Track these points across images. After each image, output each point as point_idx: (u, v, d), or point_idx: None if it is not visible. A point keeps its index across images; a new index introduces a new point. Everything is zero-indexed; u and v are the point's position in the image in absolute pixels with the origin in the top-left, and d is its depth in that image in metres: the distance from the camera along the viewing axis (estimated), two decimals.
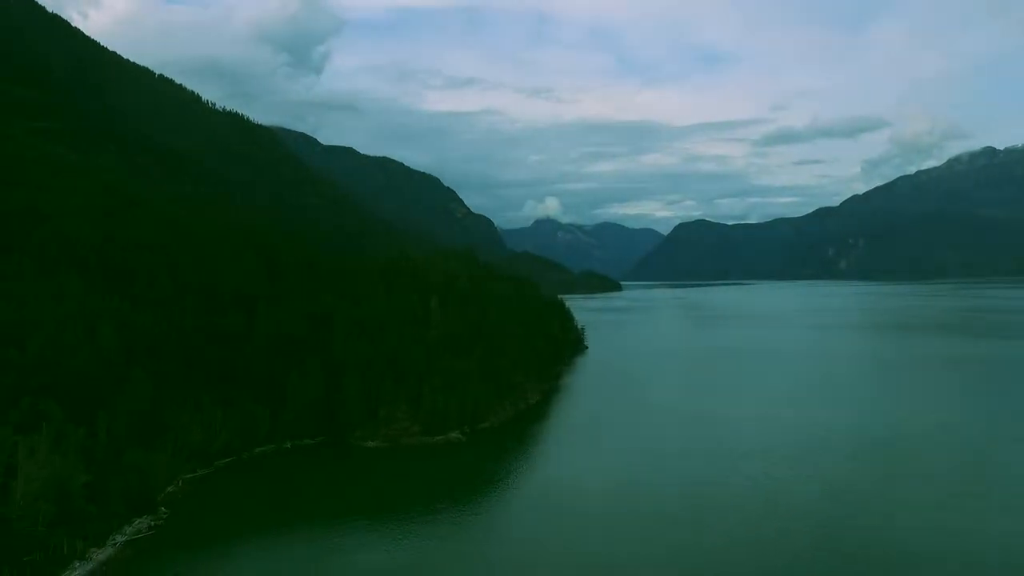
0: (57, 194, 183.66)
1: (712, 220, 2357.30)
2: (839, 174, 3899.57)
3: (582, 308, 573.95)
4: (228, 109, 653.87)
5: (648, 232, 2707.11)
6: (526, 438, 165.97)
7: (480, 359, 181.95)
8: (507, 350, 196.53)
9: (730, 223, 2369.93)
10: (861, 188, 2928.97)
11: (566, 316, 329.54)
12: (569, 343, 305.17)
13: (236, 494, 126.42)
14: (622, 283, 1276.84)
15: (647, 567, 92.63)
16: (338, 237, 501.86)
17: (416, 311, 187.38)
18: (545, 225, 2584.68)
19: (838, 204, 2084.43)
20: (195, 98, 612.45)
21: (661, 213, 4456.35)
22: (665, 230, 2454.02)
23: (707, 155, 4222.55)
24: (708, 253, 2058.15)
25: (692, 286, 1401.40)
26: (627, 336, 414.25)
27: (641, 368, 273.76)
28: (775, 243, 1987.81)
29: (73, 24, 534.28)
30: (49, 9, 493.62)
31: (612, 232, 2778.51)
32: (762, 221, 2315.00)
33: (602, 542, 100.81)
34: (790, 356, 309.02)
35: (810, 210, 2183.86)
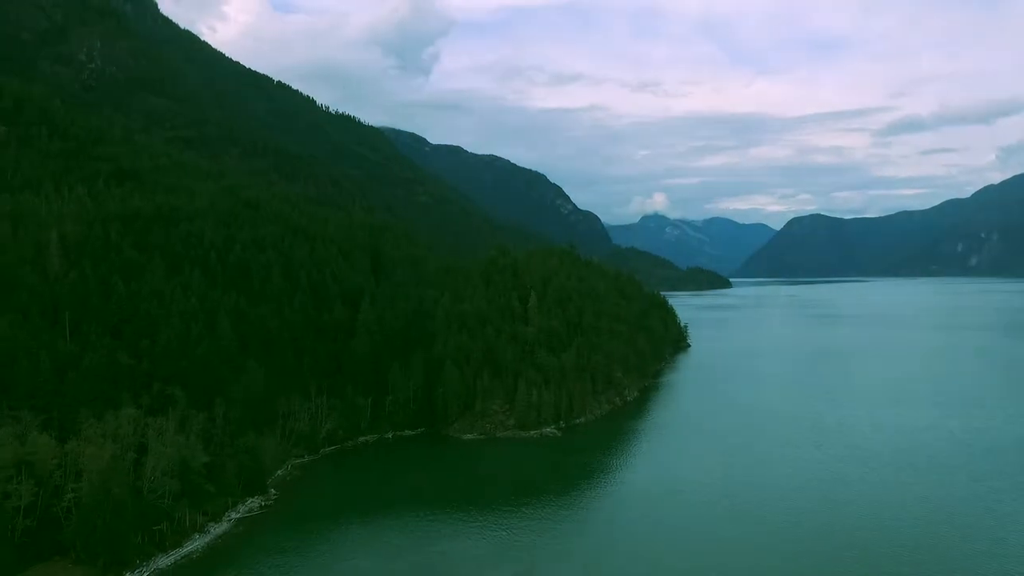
0: (186, 197, 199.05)
1: (828, 214, 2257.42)
2: (971, 163, 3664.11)
3: (688, 305, 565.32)
4: (340, 112, 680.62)
5: (759, 227, 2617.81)
6: (621, 435, 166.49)
7: (577, 355, 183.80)
8: (605, 347, 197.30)
9: (848, 217, 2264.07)
10: (996, 177, 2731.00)
11: (669, 313, 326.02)
12: (671, 341, 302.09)
13: (340, 480, 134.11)
14: (732, 280, 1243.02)
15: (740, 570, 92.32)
16: (446, 235, 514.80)
17: (514, 307, 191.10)
18: (652, 221, 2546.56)
19: (969, 195, 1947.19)
20: (310, 102, 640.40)
21: (773, 208, 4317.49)
22: (777, 225, 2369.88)
23: (823, 147, 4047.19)
24: (823, 249, 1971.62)
25: (806, 283, 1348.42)
26: (733, 335, 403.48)
27: (745, 368, 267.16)
28: (897, 238, 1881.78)
29: (203, 38, 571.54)
30: (182, 26, 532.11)
31: (722, 227, 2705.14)
32: (883, 215, 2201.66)
33: (693, 541, 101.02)
34: (912, 359, 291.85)
35: (937, 202, 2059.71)
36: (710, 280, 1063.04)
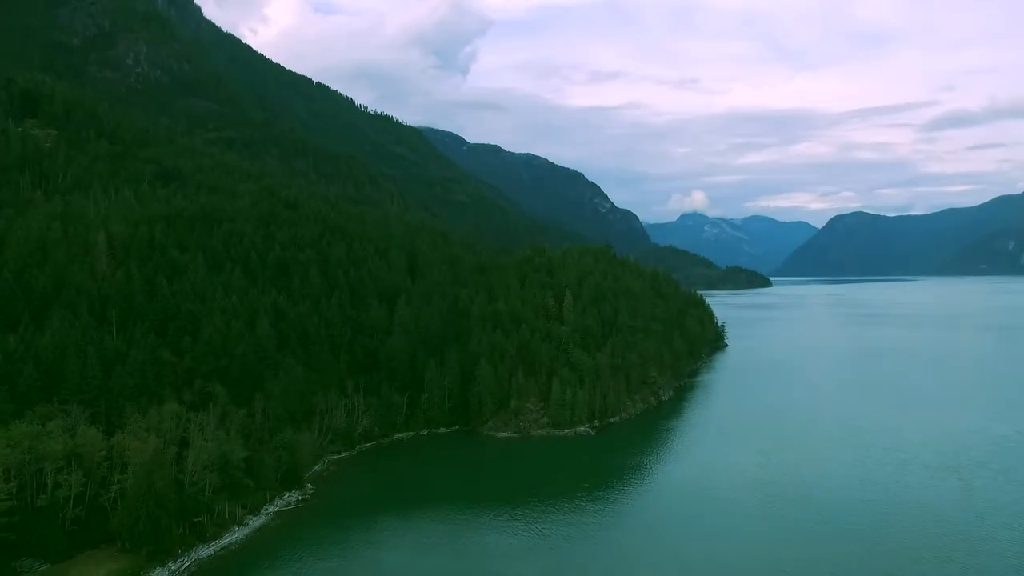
0: (227, 198, 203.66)
1: (871, 212, 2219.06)
2: (1022, 158, 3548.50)
3: (726, 304, 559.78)
4: (379, 112, 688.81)
5: (800, 225, 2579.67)
6: (656, 434, 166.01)
7: (611, 354, 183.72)
8: (640, 346, 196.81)
9: (892, 215, 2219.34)
10: None
11: (706, 312, 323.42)
12: (708, 340, 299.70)
13: (376, 476, 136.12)
14: (772, 279, 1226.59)
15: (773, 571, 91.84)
16: (483, 234, 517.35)
17: (549, 306, 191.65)
18: (691, 219, 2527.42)
19: (1021, 191, 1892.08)
20: (349, 103, 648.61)
21: (815, 205, 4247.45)
22: (819, 223, 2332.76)
23: (866, 143, 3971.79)
24: (866, 247, 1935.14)
25: (848, 282, 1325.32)
26: (771, 334, 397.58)
27: (783, 368, 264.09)
28: (944, 236, 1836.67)
29: (244, 41, 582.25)
30: (224, 29, 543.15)
31: (762, 226, 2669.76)
32: (929, 212, 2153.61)
33: (725, 541, 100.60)
34: (963, 361, 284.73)
35: (987, 199, 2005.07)
36: (749, 279, 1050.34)
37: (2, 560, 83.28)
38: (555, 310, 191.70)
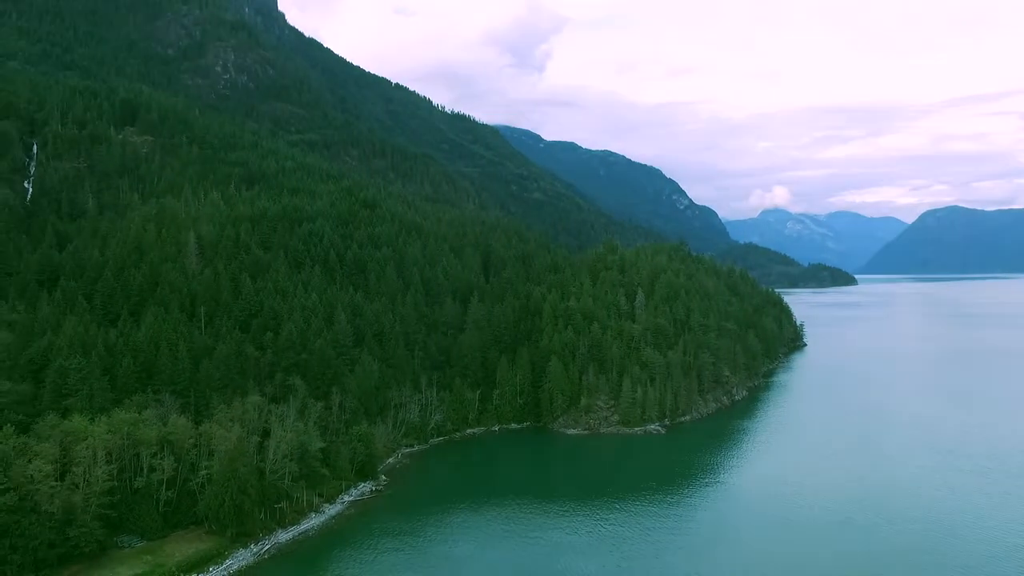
0: (308, 198, 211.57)
1: (967, 206, 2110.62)
2: None
3: (807, 303, 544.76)
4: (456, 111, 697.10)
5: (889, 221, 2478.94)
6: (727, 435, 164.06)
7: (683, 353, 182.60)
8: (713, 345, 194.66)
9: (990, 209, 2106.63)
10: None
11: (784, 311, 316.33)
12: (786, 340, 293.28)
13: (448, 469, 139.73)
14: (857, 276, 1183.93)
15: None
16: (559, 231, 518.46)
17: (620, 304, 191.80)
18: (772, 215, 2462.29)
19: None
20: (426, 102, 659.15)
21: (904, 200, 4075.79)
22: (909, 218, 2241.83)
23: (961, 134, 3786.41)
24: (962, 243, 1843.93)
25: (941, 280, 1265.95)
26: (853, 334, 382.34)
27: (864, 370, 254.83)
28: None
29: (326, 45, 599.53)
30: (307, 34, 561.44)
31: (847, 221, 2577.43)
32: None
33: (794, 544, 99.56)
34: None
35: None
36: (833, 277, 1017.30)
37: (106, 535, 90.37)
38: (627, 308, 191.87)
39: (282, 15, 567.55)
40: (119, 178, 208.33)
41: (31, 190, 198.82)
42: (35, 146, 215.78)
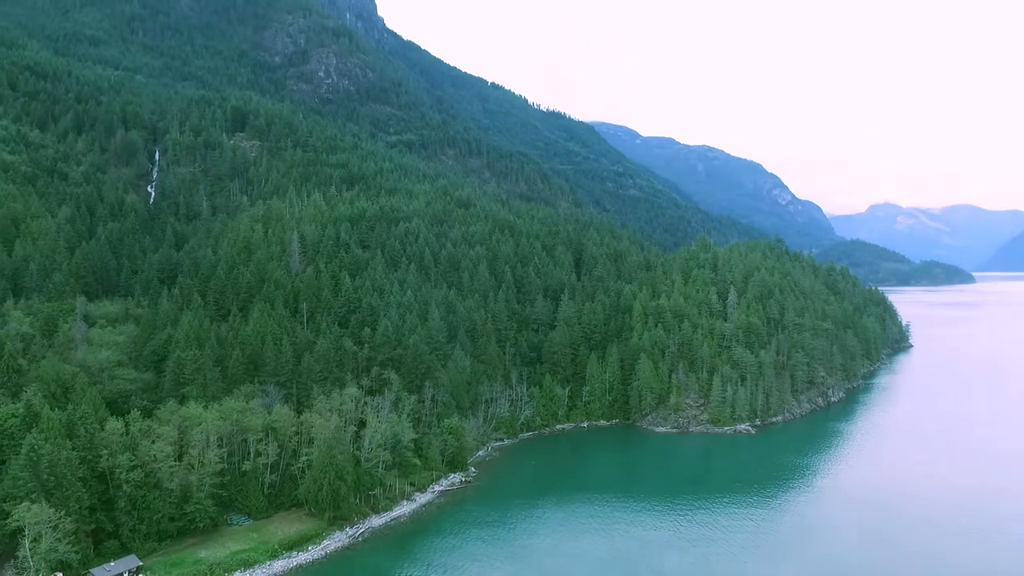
0: (405, 198, 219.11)
1: None
2: None
3: (917, 302, 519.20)
4: (552, 109, 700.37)
5: (1013, 215, 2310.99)
6: (820, 436, 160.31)
7: (776, 353, 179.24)
8: (807, 345, 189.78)
9: None
10: None
11: (888, 311, 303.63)
12: (889, 340, 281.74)
13: (536, 463, 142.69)
14: (976, 274, 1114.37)
15: None
16: (655, 228, 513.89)
17: (712, 303, 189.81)
18: (882, 210, 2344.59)
19: None
20: (522, 101, 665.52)
21: None
22: None
23: None
24: None
25: None
26: (965, 336, 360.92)
27: (974, 373, 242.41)
28: None
29: (423, 46, 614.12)
30: (405, 36, 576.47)
31: (965, 216, 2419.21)
32: None
33: (886, 552, 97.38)
34: None
35: None
36: (947, 274, 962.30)
37: (218, 512, 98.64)
38: (719, 307, 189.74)
39: (381, 19, 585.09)
40: (230, 181, 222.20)
41: (154, 194, 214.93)
42: (157, 153, 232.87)
